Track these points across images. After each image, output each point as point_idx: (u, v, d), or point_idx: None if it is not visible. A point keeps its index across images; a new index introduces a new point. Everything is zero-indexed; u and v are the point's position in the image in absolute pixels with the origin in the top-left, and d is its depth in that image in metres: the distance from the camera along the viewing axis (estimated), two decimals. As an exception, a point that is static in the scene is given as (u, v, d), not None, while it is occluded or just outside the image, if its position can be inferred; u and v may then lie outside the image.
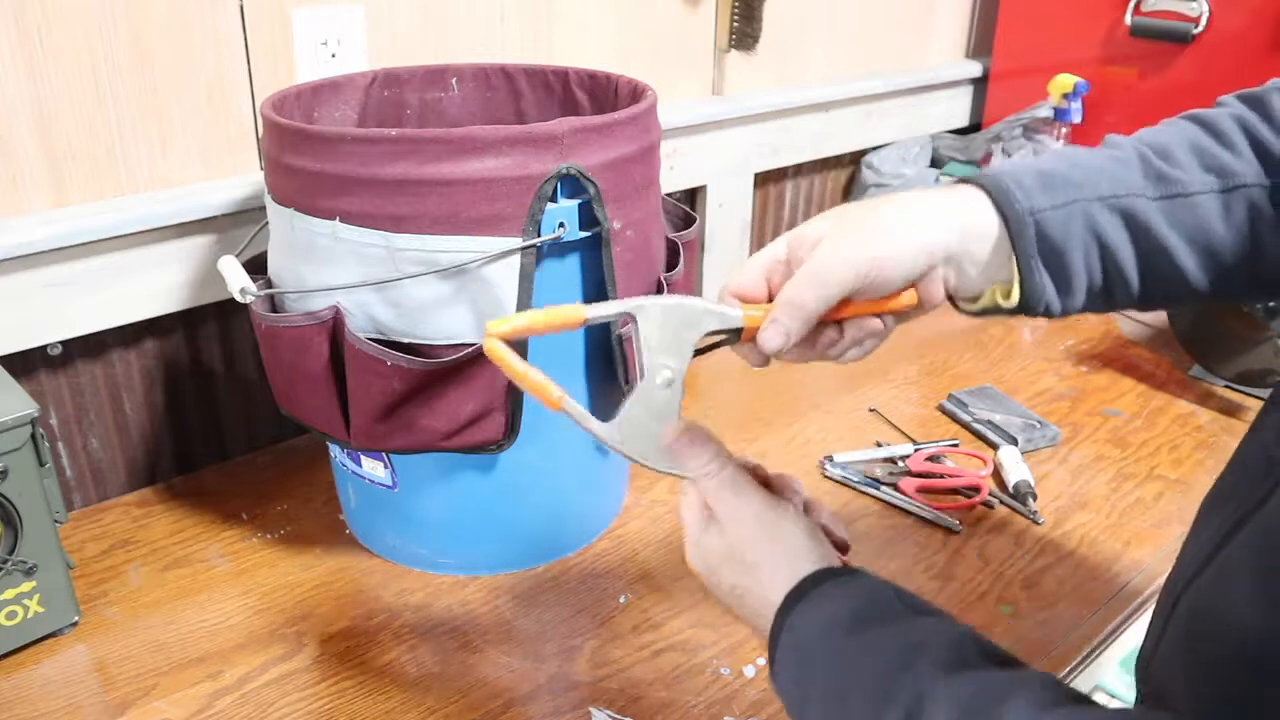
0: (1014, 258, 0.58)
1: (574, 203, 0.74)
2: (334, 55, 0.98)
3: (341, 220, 0.74)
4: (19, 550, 0.75)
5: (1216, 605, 0.51)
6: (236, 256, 0.81)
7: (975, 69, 1.67)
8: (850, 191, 1.61)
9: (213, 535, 0.93)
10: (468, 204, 0.72)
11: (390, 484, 0.85)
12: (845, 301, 0.58)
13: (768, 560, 0.57)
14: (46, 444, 0.76)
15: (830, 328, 0.59)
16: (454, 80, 0.98)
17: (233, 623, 0.82)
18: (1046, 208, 0.57)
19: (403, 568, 0.89)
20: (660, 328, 0.57)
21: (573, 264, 0.78)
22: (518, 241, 0.73)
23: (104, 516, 0.95)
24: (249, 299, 0.77)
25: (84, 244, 0.87)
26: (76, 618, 0.81)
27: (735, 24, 1.30)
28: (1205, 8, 1.36)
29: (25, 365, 0.90)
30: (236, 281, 0.78)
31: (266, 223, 0.84)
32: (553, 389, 0.56)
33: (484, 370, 0.75)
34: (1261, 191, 0.58)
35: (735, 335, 0.58)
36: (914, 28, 1.60)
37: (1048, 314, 0.60)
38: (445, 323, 0.75)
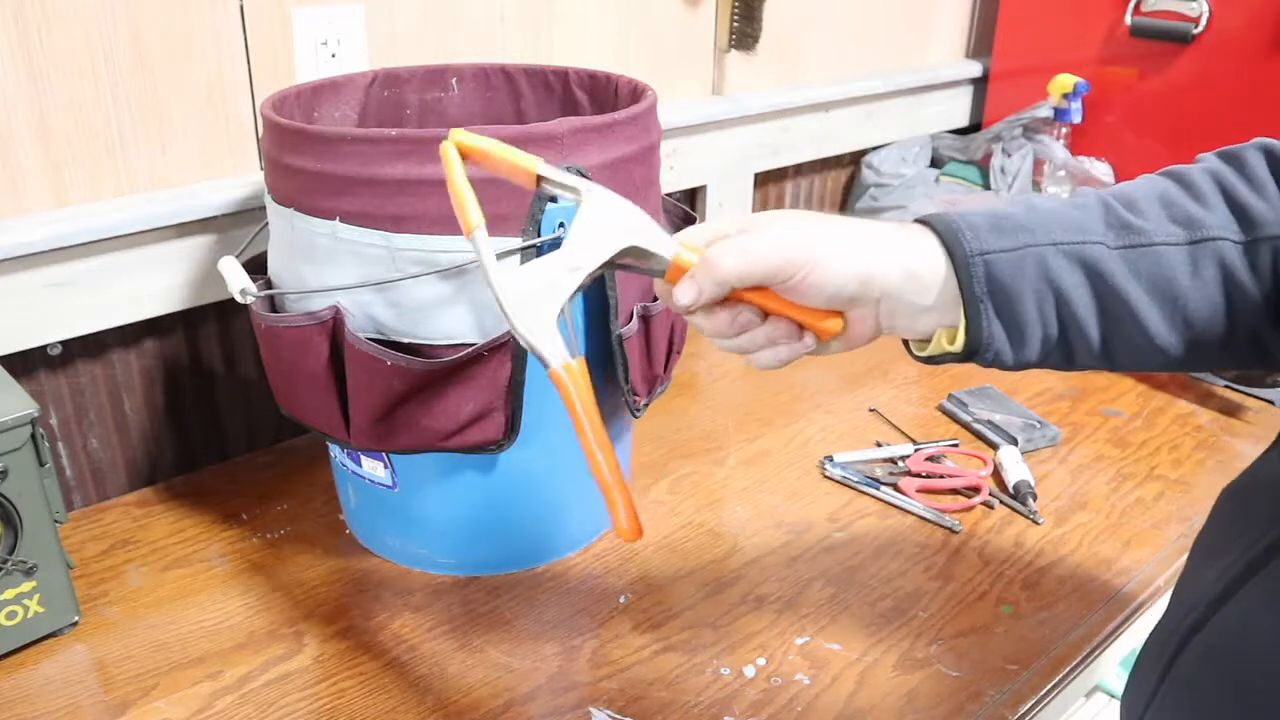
0: (962, 300, 0.57)
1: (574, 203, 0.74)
2: (334, 55, 0.98)
3: (341, 220, 0.74)
4: (19, 550, 0.75)
5: (1241, 650, 0.49)
6: (236, 257, 0.81)
7: (975, 69, 1.67)
8: (850, 191, 1.61)
9: (213, 535, 0.93)
10: None
11: (390, 484, 0.85)
12: (765, 290, 0.57)
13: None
14: (46, 444, 0.76)
15: (750, 309, 0.58)
16: (454, 80, 0.98)
17: (233, 623, 0.82)
18: (996, 250, 0.56)
19: (403, 568, 0.89)
20: (597, 216, 0.56)
21: None
22: (518, 241, 0.73)
23: (104, 516, 0.95)
24: (249, 299, 0.77)
25: (84, 244, 0.87)
26: (76, 618, 0.81)
27: (735, 24, 1.30)
28: (1205, 8, 1.36)
29: (25, 365, 0.90)
30: (237, 282, 0.78)
31: (266, 223, 0.84)
32: (472, 215, 0.56)
33: (484, 370, 0.76)
34: (1234, 247, 0.55)
35: (660, 273, 0.58)
36: (914, 28, 1.60)
37: (999, 363, 0.58)
38: (445, 323, 0.75)
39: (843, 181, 1.61)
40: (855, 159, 1.60)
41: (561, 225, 0.74)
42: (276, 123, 0.76)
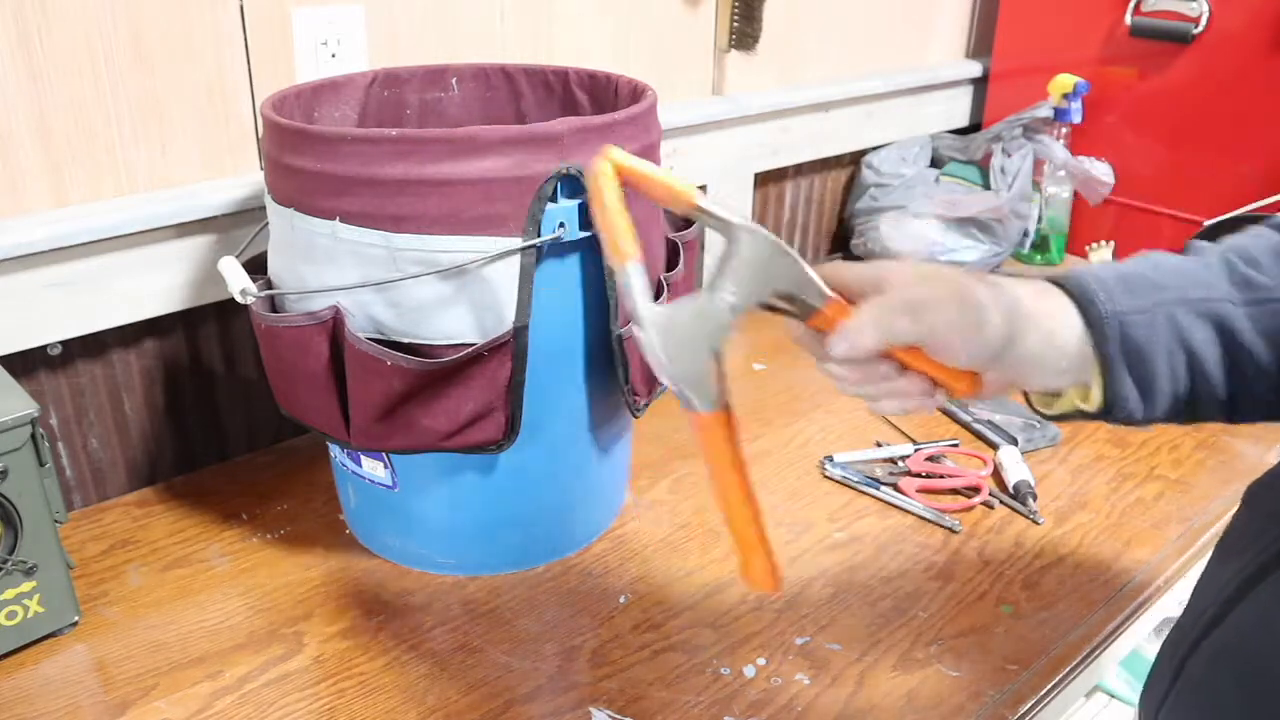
0: (1096, 361, 0.57)
1: (574, 203, 0.74)
2: (334, 55, 0.98)
3: (341, 220, 0.74)
4: (19, 550, 0.75)
5: (1252, 650, 0.50)
6: (237, 257, 0.81)
7: (975, 69, 1.67)
8: (850, 191, 1.61)
9: (213, 535, 0.93)
10: (468, 204, 0.72)
11: (390, 484, 0.85)
12: (917, 350, 0.57)
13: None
14: (46, 444, 0.76)
15: (890, 364, 0.58)
16: (454, 80, 0.98)
17: (233, 623, 0.82)
18: (1130, 310, 0.57)
19: (403, 568, 0.89)
20: (751, 252, 0.54)
21: (573, 264, 0.78)
22: (518, 241, 0.73)
23: (104, 516, 0.95)
24: (249, 300, 0.77)
25: (84, 244, 0.87)
26: (76, 618, 0.81)
27: (735, 24, 1.30)
28: (1205, 8, 1.36)
29: (25, 365, 0.90)
30: (237, 283, 0.78)
31: (267, 223, 0.84)
32: (627, 243, 0.53)
33: (484, 370, 0.76)
34: None
35: (803, 316, 0.57)
36: (914, 28, 1.60)
37: (1130, 421, 0.58)
38: (445, 323, 0.75)
39: (843, 181, 1.61)
40: (855, 159, 1.60)
41: (562, 225, 0.74)
42: (276, 123, 0.76)
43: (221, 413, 1.04)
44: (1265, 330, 0.57)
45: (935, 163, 1.60)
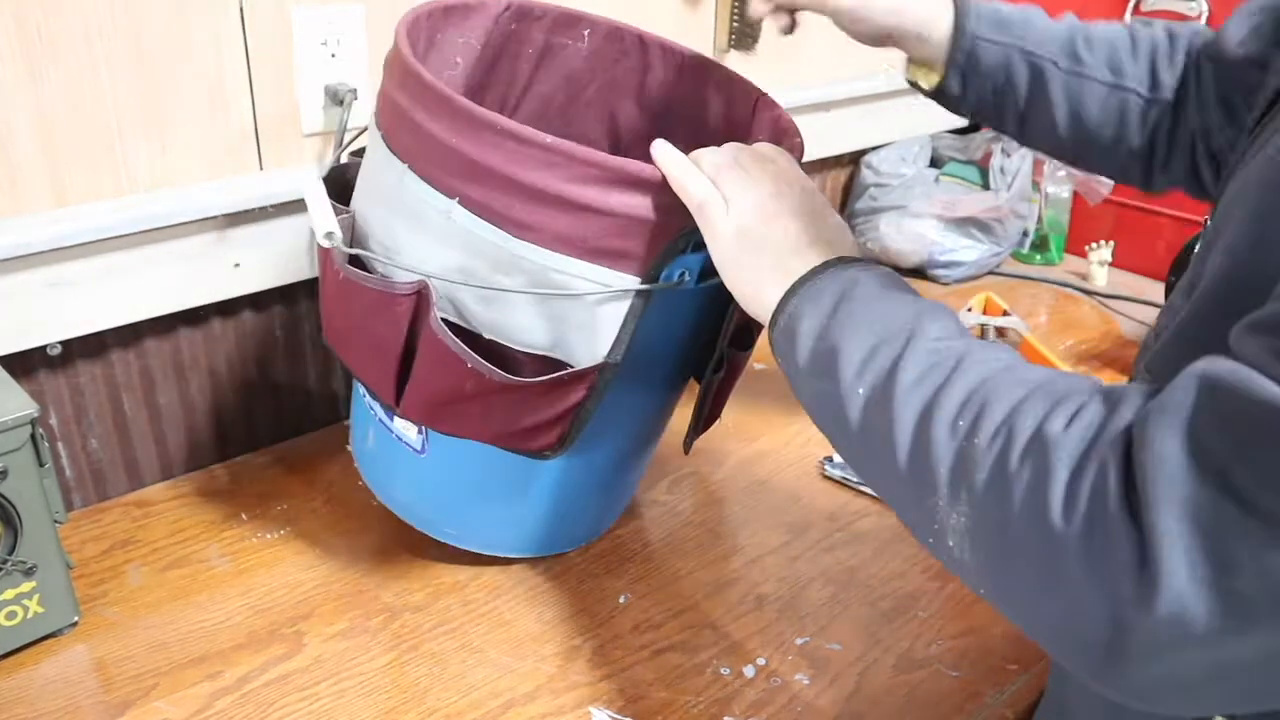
0: (946, 58, 0.81)
1: (701, 255, 0.69)
2: (334, 55, 0.98)
3: (461, 203, 0.68)
4: (19, 550, 0.75)
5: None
6: (322, 178, 0.74)
7: (975, 69, 1.67)
8: (850, 191, 1.61)
9: (213, 535, 0.93)
10: (601, 234, 0.67)
11: (419, 449, 0.82)
12: None
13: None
14: (46, 444, 0.76)
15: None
16: (586, 32, 0.92)
17: (233, 623, 0.82)
18: (986, 38, 0.79)
19: (403, 568, 0.89)
20: None
21: (678, 310, 0.75)
22: (636, 282, 0.69)
23: (104, 516, 0.95)
24: (333, 246, 0.70)
25: (84, 244, 0.86)
26: (76, 618, 0.81)
27: (735, 24, 1.30)
28: (1205, 8, 1.36)
29: (25, 365, 0.90)
30: (323, 223, 0.70)
31: (351, 142, 0.79)
32: None
33: (558, 390, 0.72)
34: (1138, 100, 0.78)
35: None
36: (914, 28, 1.60)
37: (949, 106, 0.84)
38: (533, 334, 0.71)
39: (842, 181, 1.61)
40: (855, 159, 1.60)
41: (684, 275, 0.70)
42: (420, 77, 0.68)
43: (221, 413, 1.04)
44: (1069, 94, 0.79)
45: (935, 163, 1.60)
